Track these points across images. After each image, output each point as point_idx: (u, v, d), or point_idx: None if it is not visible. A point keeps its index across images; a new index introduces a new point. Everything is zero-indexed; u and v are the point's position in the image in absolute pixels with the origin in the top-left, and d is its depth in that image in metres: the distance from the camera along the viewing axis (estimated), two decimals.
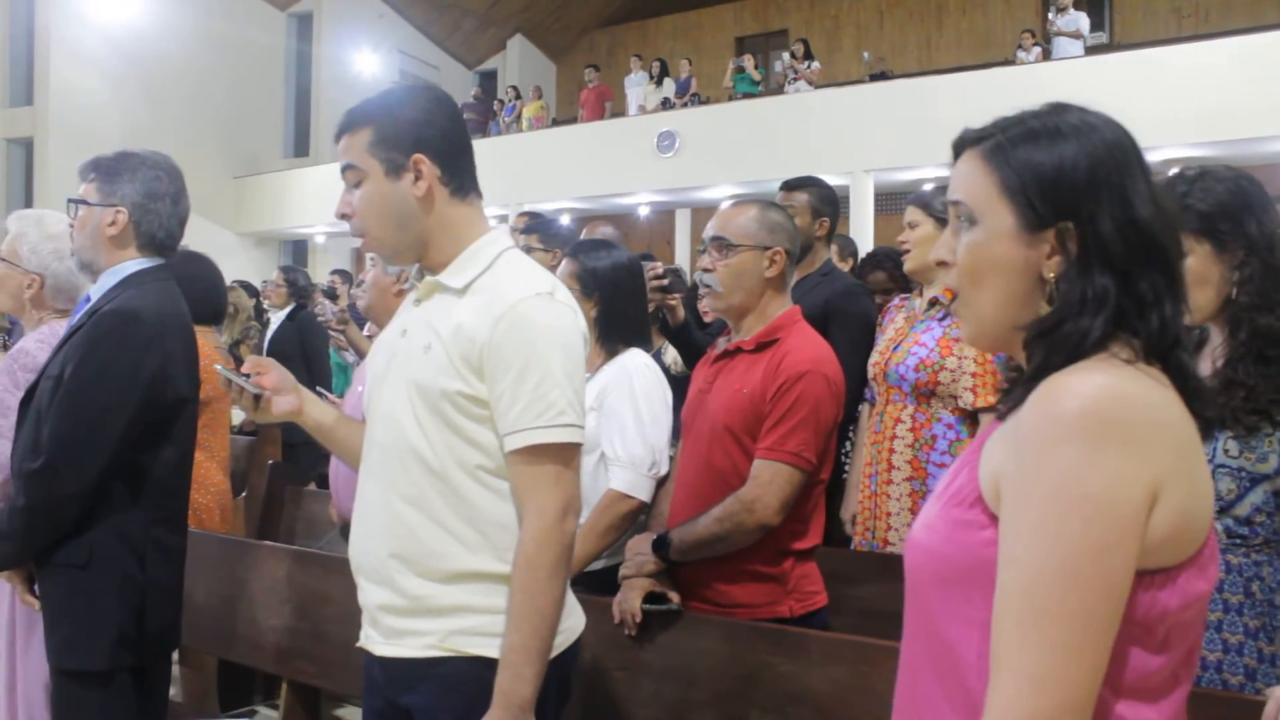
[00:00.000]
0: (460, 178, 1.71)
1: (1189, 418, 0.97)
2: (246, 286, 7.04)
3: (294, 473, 4.49)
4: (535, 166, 14.32)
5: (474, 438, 1.61)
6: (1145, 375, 0.96)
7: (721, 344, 2.34)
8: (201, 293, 3.80)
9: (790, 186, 3.49)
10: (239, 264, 15.40)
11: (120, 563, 2.14)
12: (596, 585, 2.40)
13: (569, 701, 1.78)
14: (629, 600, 2.20)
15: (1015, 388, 1.04)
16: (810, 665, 2.04)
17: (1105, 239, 0.98)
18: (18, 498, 2.11)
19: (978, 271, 1.05)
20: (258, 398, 1.81)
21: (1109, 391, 0.92)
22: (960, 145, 1.10)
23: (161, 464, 2.21)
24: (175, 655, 3.55)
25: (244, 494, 4.95)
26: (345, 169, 1.69)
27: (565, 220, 12.96)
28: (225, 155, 16.97)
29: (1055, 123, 1.03)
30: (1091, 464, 0.90)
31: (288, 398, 1.83)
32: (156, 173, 2.29)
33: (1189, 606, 0.96)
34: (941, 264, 1.10)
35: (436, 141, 1.67)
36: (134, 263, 2.26)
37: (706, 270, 2.25)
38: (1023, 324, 1.02)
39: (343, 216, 1.71)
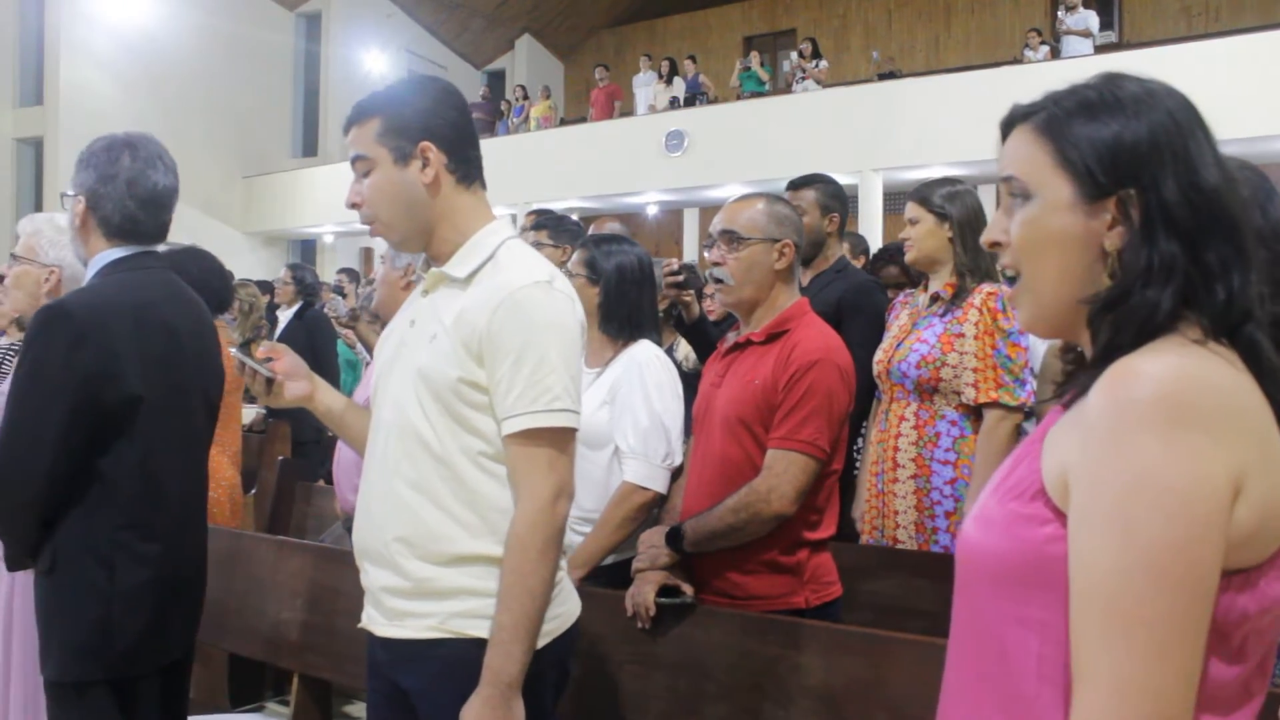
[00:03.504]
0: (466, 166, 1.75)
1: (1265, 402, 0.90)
2: (261, 285, 7.05)
3: (304, 470, 4.50)
4: (543, 166, 14.34)
5: (476, 425, 1.65)
6: (1218, 357, 0.90)
7: (731, 338, 2.35)
8: (216, 285, 3.81)
9: (796, 185, 3.49)
10: (248, 263, 15.44)
11: (84, 570, 2.01)
12: (610, 579, 2.40)
13: (567, 686, 1.80)
14: (643, 593, 2.20)
15: (1077, 373, 0.99)
16: (823, 658, 2.03)
17: (1170, 205, 0.92)
18: None
19: (1035, 247, 0.99)
20: (270, 381, 1.84)
21: (1184, 374, 0.86)
22: (1009, 122, 1.04)
23: (121, 466, 2.04)
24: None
25: (254, 490, 4.98)
26: (355, 159, 1.73)
27: (574, 219, 12.94)
28: (234, 155, 17.02)
29: (1112, 92, 0.98)
30: (1171, 453, 0.83)
31: (300, 383, 1.87)
32: (113, 154, 2.13)
33: (1267, 611, 0.88)
34: (995, 245, 1.04)
35: (443, 130, 1.72)
36: (109, 252, 2.14)
37: (716, 264, 2.25)
38: (1085, 299, 0.96)
39: (352, 206, 1.76)
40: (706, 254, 2.32)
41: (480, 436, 1.65)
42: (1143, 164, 0.94)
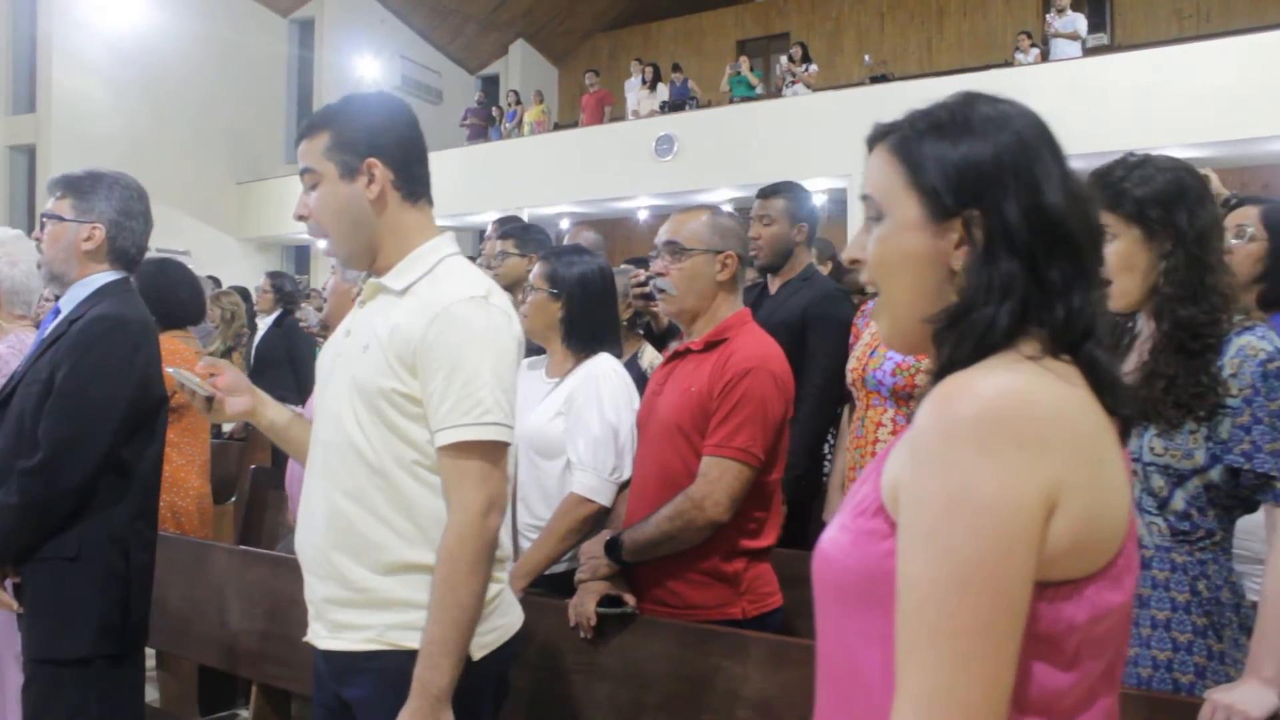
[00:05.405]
0: (412, 183, 1.77)
1: (1101, 418, 0.92)
2: (241, 292, 7.07)
3: (280, 478, 4.49)
4: (536, 171, 14.34)
5: (409, 435, 1.66)
6: (1050, 373, 0.91)
7: (673, 346, 2.35)
8: (183, 297, 3.84)
9: (766, 193, 3.49)
10: (241, 269, 15.40)
11: (107, 555, 2.24)
12: (557, 588, 2.41)
13: (506, 698, 1.81)
14: (584, 603, 2.21)
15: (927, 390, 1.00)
16: (759, 668, 2.03)
17: (1011, 226, 0.94)
18: (9, 496, 2.17)
19: (887, 266, 1.01)
20: (210, 399, 1.86)
21: (1007, 391, 0.88)
22: (872, 140, 1.06)
23: (145, 460, 2.34)
24: (154, 659, 3.61)
25: (233, 499, 4.97)
26: (303, 172, 1.76)
27: (565, 224, 12.98)
28: (228, 161, 17.02)
29: (964, 113, 0.99)
30: (982, 469, 0.85)
31: (241, 398, 1.89)
32: (129, 192, 2.41)
33: (1099, 620, 0.90)
34: (855, 262, 1.08)
35: (391, 147, 1.74)
36: (102, 275, 2.37)
37: (660, 274, 2.26)
38: (928, 317, 0.98)
39: (300, 218, 1.78)
40: (651, 265, 2.33)
41: (414, 446, 1.66)
42: (986, 186, 0.95)
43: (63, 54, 14.97)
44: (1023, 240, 0.94)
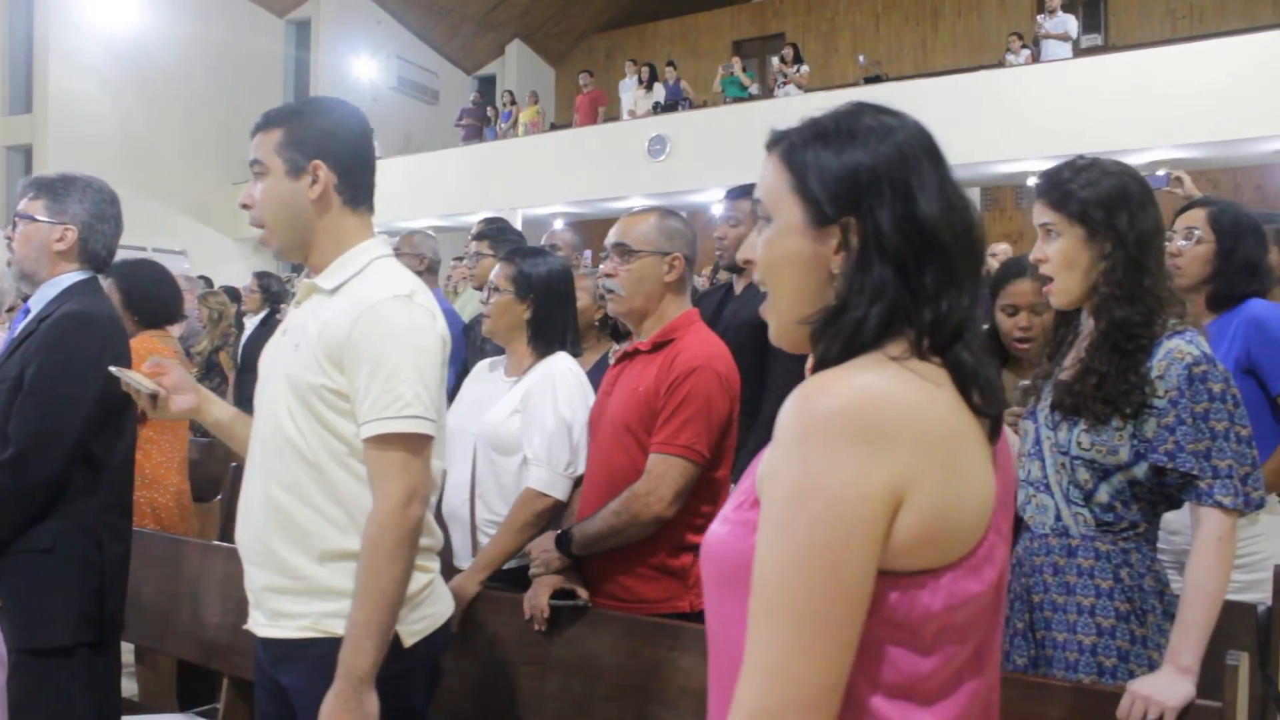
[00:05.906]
0: (355, 190, 1.84)
1: (962, 417, 0.97)
2: (231, 293, 7.12)
3: None
4: (530, 171, 14.40)
5: (339, 429, 1.73)
6: (912, 373, 0.96)
7: (623, 347, 2.41)
8: (165, 296, 3.89)
9: (734, 195, 3.51)
10: (238, 269, 15.43)
11: (81, 547, 2.32)
12: (513, 582, 2.46)
13: (439, 684, 1.88)
14: (537, 596, 2.27)
15: None
16: (703, 659, 2.07)
17: (884, 233, 0.98)
18: None
19: (772, 267, 1.06)
20: (155, 396, 1.93)
21: (863, 390, 0.92)
22: (768, 146, 1.10)
23: (115, 454, 2.42)
24: (133, 654, 3.65)
25: (218, 497, 5.02)
26: (252, 163, 1.83)
27: (558, 224, 13.03)
28: (224, 161, 17.02)
29: (849, 123, 1.03)
30: (829, 462, 0.90)
31: (186, 396, 1.97)
32: (102, 196, 2.48)
33: (957, 609, 0.95)
34: (748, 263, 1.12)
35: (339, 152, 1.81)
36: (71, 275, 2.44)
37: (609, 275, 2.31)
38: (804, 318, 1.02)
39: (244, 206, 1.85)
40: (600, 266, 2.38)
41: (343, 440, 1.74)
42: (863, 194, 0.99)
43: (59, 55, 15.03)
44: (895, 247, 0.98)
